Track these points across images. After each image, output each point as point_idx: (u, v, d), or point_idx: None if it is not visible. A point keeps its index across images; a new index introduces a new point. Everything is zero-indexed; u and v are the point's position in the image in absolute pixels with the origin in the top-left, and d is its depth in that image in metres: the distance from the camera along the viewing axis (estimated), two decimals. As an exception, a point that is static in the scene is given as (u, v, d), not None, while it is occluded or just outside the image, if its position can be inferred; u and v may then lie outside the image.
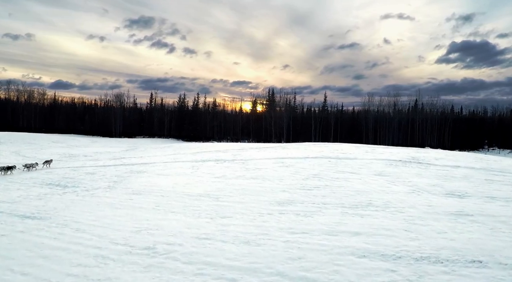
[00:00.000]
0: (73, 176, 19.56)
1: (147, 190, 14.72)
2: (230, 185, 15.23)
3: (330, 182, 15.49)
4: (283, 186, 14.68)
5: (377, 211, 10.88)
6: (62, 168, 23.65)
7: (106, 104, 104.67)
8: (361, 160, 22.15)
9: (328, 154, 24.84)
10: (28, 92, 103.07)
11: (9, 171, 22.12)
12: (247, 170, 19.16)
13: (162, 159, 26.36)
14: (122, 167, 22.20)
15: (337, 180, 15.93)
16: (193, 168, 20.34)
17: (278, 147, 34.40)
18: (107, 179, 18.03)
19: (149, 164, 23.45)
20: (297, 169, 18.95)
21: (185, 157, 27.16)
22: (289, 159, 22.61)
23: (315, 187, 14.35)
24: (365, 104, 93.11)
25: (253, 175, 17.37)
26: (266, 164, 20.90)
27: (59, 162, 28.52)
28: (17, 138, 58.25)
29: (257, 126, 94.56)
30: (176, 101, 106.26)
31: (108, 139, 78.93)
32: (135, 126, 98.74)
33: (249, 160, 22.89)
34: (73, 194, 14.72)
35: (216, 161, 23.13)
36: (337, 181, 15.63)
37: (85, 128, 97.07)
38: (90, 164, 25.34)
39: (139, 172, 19.63)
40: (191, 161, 23.67)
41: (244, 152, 28.68)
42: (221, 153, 28.44)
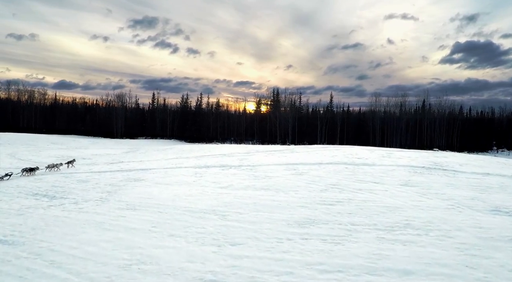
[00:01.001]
0: (64, 184, 17.67)
1: (144, 203, 12.80)
2: (239, 197, 13.30)
3: (353, 194, 13.54)
4: (299, 200, 12.73)
5: (419, 234, 8.96)
6: (53, 173, 21.81)
7: (108, 105, 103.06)
8: (380, 166, 20.23)
9: (342, 159, 22.90)
10: (28, 92, 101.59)
11: (31, 172, 22.44)
12: (256, 178, 17.23)
13: (162, 164, 24.46)
14: (119, 174, 20.31)
15: (360, 191, 13.97)
16: (196, 176, 18.41)
17: (287, 150, 32.47)
18: (100, 188, 16.12)
19: (149, 170, 21.55)
20: (312, 177, 17.01)
21: (188, 161, 25.27)
22: (301, 165, 20.70)
23: (337, 201, 12.40)
24: (372, 105, 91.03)
25: (264, 185, 15.43)
26: (277, 171, 18.97)
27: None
28: (16, 139, 56.57)
29: (261, 127, 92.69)
30: (179, 102, 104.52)
31: (109, 141, 77.26)
32: (137, 127, 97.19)
33: (258, 166, 20.97)
34: (59, 208, 12.82)
35: (221, 167, 21.21)
36: (360, 193, 13.68)
37: (86, 128, 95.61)
38: (85, 169, 23.44)
39: (137, 180, 17.72)
40: (194, 167, 21.77)
41: (251, 156, 26.76)
42: (226, 158, 26.53)
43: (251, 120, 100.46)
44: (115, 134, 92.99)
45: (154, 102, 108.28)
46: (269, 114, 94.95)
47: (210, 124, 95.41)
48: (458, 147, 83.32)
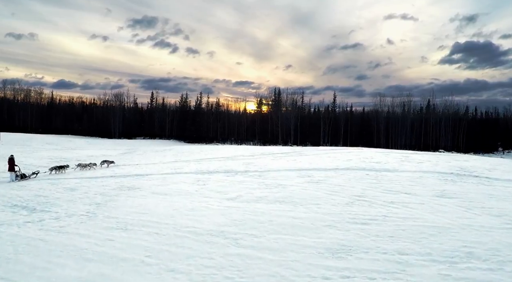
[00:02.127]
0: (49, 193, 15.56)
1: (137, 220, 10.65)
2: (251, 213, 11.17)
3: (386, 208, 11.43)
4: (324, 217, 10.62)
5: (491, 270, 6.92)
6: (40, 179, 19.70)
7: (106, 104, 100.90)
8: (403, 172, 18.19)
9: (359, 164, 20.83)
10: (25, 92, 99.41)
11: (61, 170, 22.69)
12: (268, 187, 15.12)
13: (160, 169, 22.33)
14: (112, 180, 18.18)
15: (392, 205, 11.86)
16: (199, 183, 16.26)
17: (294, 152, 30.37)
18: (89, 199, 13.98)
19: (145, 175, 19.42)
20: (332, 186, 14.90)
21: (188, 166, 23.17)
22: (315, 171, 18.61)
23: (370, 219, 10.29)
24: (376, 105, 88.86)
25: (278, 196, 13.31)
26: (289, 178, 16.88)
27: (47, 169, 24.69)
28: (10, 140, 54.48)
29: (262, 128, 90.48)
30: (178, 101, 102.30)
31: (106, 141, 75.19)
32: (135, 126, 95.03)
33: (266, 172, 18.87)
34: (37, 225, 10.71)
35: (226, 173, 19.09)
36: (394, 207, 11.58)
37: (83, 128, 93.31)
38: (76, 175, 21.33)
39: (131, 189, 15.57)
40: (195, 172, 19.65)
41: (256, 160, 24.67)
42: (230, 161, 24.42)
43: (251, 120, 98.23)
44: (112, 134, 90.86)
45: (153, 102, 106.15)
46: (270, 114, 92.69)
47: (210, 125, 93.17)
48: (463, 148, 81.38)
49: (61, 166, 23.01)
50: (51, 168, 23.04)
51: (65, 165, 23.53)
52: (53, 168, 22.77)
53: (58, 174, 22.19)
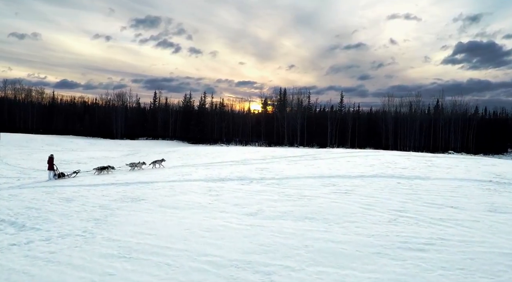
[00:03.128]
0: (42, 204, 13.76)
1: (143, 244, 8.81)
2: (279, 234, 9.32)
3: (438, 228, 9.58)
4: (368, 239, 8.78)
5: None
6: (35, 187, 17.93)
7: (108, 104, 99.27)
8: (436, 180, 16.38)
9: (385, 170, 19.00)
10: (25, 91, 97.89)
11: (104, 171, 22.96)
12: (290, 198, 13.27)
13: (166, 175, 20.54)
14: (113, 189, 16.35)
15: (442, 223, 10.01)
16: (211, 194, 14.40)
17: (308, 156, 28.50)
18: (87, 213, 12.14)
19: (150, 183, 17.57)
20: (364, 198, 13.04)
21: (197, 171, 21.34)
22: (339, 178, 16.77)
23: (426, 243, 8.45)
24: (385, 105, 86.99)
25: (305, 211, 11.45)
26: (312, 187, 15.03)
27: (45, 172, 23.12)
28: (9, 141, 52.87)
29: (268, 128, 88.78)
30: (181, 101, 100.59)
31: (108, 142, 73.60)
32: (137, 127, 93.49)
33: (284, 179, 17.03)
34: (23, 250, 8.92)
35: (240, 180, 17.25)
36: (446, 226, 9.72)
37: (84, 129, 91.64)
38: (74, 182, 19.56)
39: (134, 200, 13.72)
40: (205, 180, 17.79)
41: (270, 165, 22.84)
42: (241, 166, 22.58)
43: (257, 120, 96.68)
44: (114, 135, 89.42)
45: (156, 102, 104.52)
46: (276, 114, 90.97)
47: (214, 125, 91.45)
48: (473, 149, 79.64)
49: (103, 166, 23.31)
50: (96, 168, 23.35)
51: (107, 166, 23.73)
52: (99, 168, 23.08)
53: (102, 174, 22.45)
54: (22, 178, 22.85)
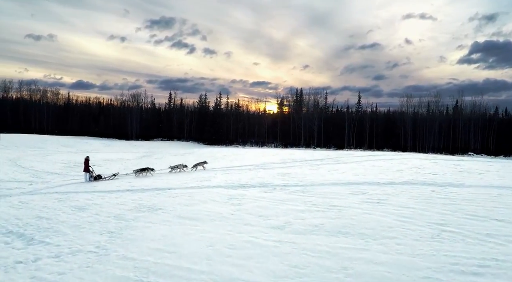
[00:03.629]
0: (53, 213, 12.96)
1: (161, 265, 7.84)
2: (312, 252, 8.30)
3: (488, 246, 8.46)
4: (413, 260, 7.71)
5: None
6: (46, 194, 17.16)
7: (123, 105, 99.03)
8: (471, 187, 15.24)
9: (415, 176, 17.89)
10: (41, 92, 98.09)
11: (144, 173, 22.96)
12: (319, 208, 12.24)
13: (184, 180, 19.63)
14: (129, 196, 15.49)
15: (491, 239, 8.88)
16: (232, 202, 13.41)
17: (330, 160, 27.37)
18: (100, 224, 11.24)
19: (167, 190, 16.65)
20: (399, 208, 11.94)
21: (215, 176, 20.41)
22: (368, 186, 15.69)
23: (480, 265, 7.34)
24: (403, 105, 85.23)
25: (337, 224, 10.40)
26: (340, 196, 13.97)
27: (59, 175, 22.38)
28: (24, 142, 52.72)
29: (284, 129, 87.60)
30: (197, 102, 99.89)
31: (123, 143, 73.17)
32: (152, 128, 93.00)
33: (309, 186, 16.01)
34: (29, 269, 8.06)
35: (261, 187, 16.26)
36: (496, 243, 8.60)
37: (99, 130, 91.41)
38: (87, 188, 18.76)
39: (151, 209, 12.79)
40: (225, 186, 16.82)
41: (291, 169, 21.84)
42: (262, 171, 21.59)
43: (272, 121, 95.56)
44: (129, 136, 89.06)
45: (171, 103, 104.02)
46: (292, 115, 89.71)
47: (230, 126, 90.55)
48: (494, 151, 77.56)
49: (143, 168, 23.24)
50: (136, 169, 23.32)
51: (147, 167, 23.57)
52: (138, 170, 23.08)
53: (142, 176, 22.64)
54: (35, 182, 22.15)
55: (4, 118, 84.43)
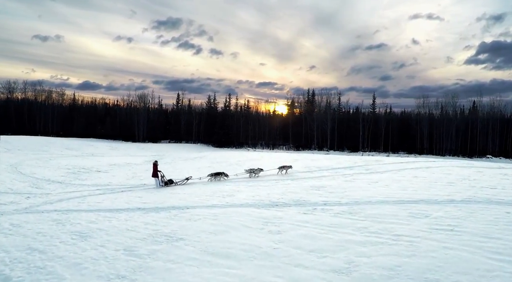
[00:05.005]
0: (49, 243, 10.46)
1: None
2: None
3: None
4: None
5: None
6: (44, 211, 14.65)
7: (129, 105, 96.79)
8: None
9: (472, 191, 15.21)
10: (46, 93, 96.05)
11: (218, 177, 22.44)
12: (380, 238, 9.66)
13: (204, 196, 17.06)
14: (140, 218, 12.92)
15: None
16: (270, 230, 10.73)
17: (358, 167, 24.70)
18: (107, 263, 8.67)
19: (185, 209, 14.05)
20: (481, 239, 9.29)
21: (239, 190, 17.90)
22: (425, 205, 13.09)
23: None
24: (419, 106, 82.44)
25: (418, 266, 7.81)
26: (398, 218, 11.39)
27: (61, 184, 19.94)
28: (27, 144, 50.38)
29: (295, 131, 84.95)
30: (205, 103, 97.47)
31: (130, 145, 70.78)
32: (160, 129, 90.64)
33: (354, 204, 13.43)
34: None
35: (299, 206, 13.67)
36: None
37: (105, 131, 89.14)
38: (92, 201, 16.25)
39: (170, 239, 10.18)
40: (255, 205, 14.21)
41: (324, 180, 19.33)
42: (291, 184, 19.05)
43: (283, 123, 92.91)
44: (136, 138, 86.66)
45: (179, 104, 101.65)
46: (304, 116, 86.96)
47: (240, 128, 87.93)
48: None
49: (218, 172, 22.83)
50: (210, 174, 22.82)
51: (224, 172, 23.07)
52: (212, 174, 22.59)
53: (215, 181, 22.09)
54: (33, 195, 19.62)
55: (8, 120, 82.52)
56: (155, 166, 22.38)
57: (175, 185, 21.81)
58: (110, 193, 19.49)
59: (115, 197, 17.88)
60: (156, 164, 22.68)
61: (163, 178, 22.19)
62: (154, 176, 22.10)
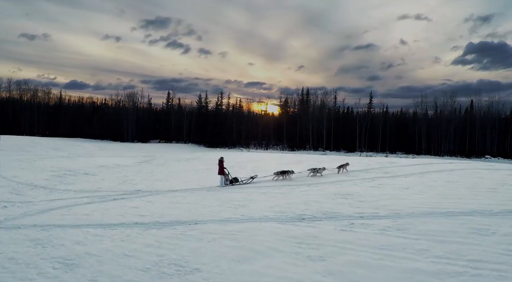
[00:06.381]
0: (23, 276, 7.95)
1: None
2: None
3: None
4: None
5: None
6: (21, 225, 12.13)
7: (118, 105, 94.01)
8: None
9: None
10: (32, 91, 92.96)
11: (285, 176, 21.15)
12: (457, 269, 7.28)
13: (212, 205, 14.68)
14: (140, 236, 10.44)
15: None
16: (310, 256, 8.29)
17: (374, 170, 22.60)
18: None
19: (193, 224, 11.63)
20: None
21: (251, 197, 15.61)
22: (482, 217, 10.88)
23: None
24: (418, 106, 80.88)
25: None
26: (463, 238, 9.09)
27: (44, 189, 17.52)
28: (11, 145, 47.69)
29: (290, 130, 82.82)
30: (196, 102, 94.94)
31: (119, 145, 68.16)
32: (149, 129, 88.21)
33: (397, 218, 11.16)
34: None
35: (330, 220, 11.30)
36: None
37: (93, 131, 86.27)
38: (78, 212, 13.78)
39: (182, 270, 7.63)
40: (278, 219, 11.79)
41: (347, 186, 17.05)
42: (309, 190, 16.77)
43: (277, 122, 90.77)
44: (125, 138, 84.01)
45: (169, 102, 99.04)
46: (299, 115, 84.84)
47: (233, 128, 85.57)
48: (511, 154, 73.58)
49: (284, 171, 21.41)
50: (276, 172, 21.47)
51: (290, 170, 21.61)
52: (279, 173, 21.27)
53: (282, 180, 20.97)
54: (11, 203, 16.92)
55: (-8, 119, 79.45)
56: (221, 162, 21.33)
57: (241, 184, 21.06)
58: (100, 201, 16.95)
59: (106, 207, 15.36)
60: (222, 160, 21.49)
61: (228, 176, 21.29)
62: (221, 173, 21.18)
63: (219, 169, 21.22)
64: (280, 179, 21.06)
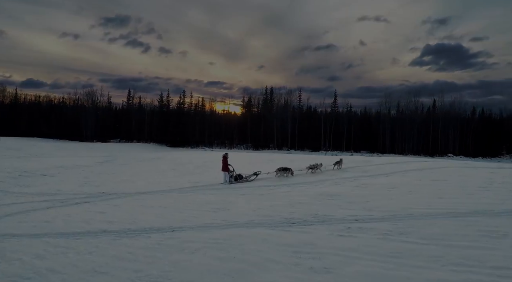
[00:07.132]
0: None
1: None
2: None
3: None
4: None
5: None
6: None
7: (76, 103, 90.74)
8: None
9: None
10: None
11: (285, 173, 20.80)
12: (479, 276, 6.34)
13: (188, 207, 13.36)
14: (109, 248, 9.00)
15: None
16: (312, 267, 7.10)
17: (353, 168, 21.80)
18: None
19: (169, 231, 10.34)
20: None
21: (230, 199, 14.32)
22: (485, 218, 10.13)
23: None
24: (382, 105, 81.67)
25: None
26: (475, 242, 8.23)
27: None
28: (-39, 146, 44.42)
29: (254, 130, 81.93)
30: (157, 100, 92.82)
31: (78, 145, 65.49)
32: (109, 128, 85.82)
33: (397, 220, 10.25)
34: None
35: (323, 224, 10.15)
36: None
37: (51, 130, 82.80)
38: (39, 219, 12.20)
39: None
40: (264, 224, 10.62)
41: (329, 186, 16.05)
42: (290, 191, 15.67)
43: (241, 122, 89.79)
44: (84, 137, 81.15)
45: (129, 101, 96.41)
46: (263, 114, 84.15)
47: (195, 127, 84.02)
48: (472, 152, 75.36)
49: (285, 168, 21.02)
50: (278, 168, 21.13)
51: (290, 168, 21.10)
52: (280, 169, 20.94)
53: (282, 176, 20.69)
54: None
55: None
56: (225, 158, 20.72)
57: (245, 181, 20.39)
58: (61, 205, 15.24)
59: (69, 212, 13.73)
60: (226, 156, 20.94)
61: (232, 173, 20.59)
62: (225, 169, 20.59)
63: (223, 165, 20.61)
64: (284, 176, 20.76)
